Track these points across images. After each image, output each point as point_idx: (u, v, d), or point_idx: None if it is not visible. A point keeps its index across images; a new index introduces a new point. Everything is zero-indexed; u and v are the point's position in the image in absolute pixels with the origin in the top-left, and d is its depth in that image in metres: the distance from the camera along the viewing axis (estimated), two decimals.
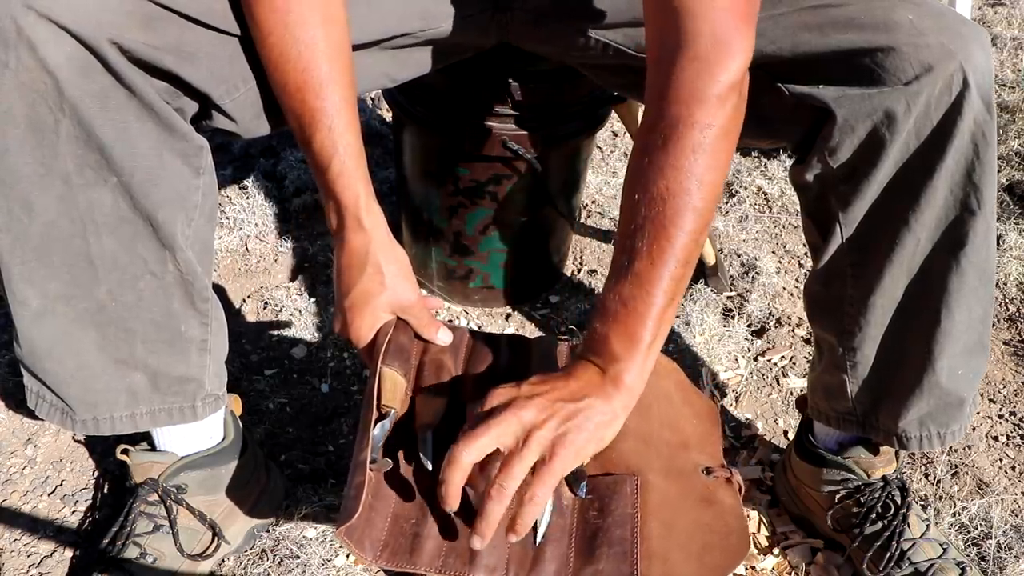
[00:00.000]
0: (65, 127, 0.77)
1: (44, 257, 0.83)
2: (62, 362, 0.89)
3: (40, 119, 0.76)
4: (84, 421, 0.93)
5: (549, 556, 0.85)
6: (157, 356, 0.91)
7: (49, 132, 0.77)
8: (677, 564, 0.83)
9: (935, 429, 0.97)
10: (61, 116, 0.76)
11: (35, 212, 0.80)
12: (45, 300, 0.85)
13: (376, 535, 0.85)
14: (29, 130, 0.76)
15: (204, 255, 0.92)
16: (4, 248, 0.82)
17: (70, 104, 0.75)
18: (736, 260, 1.64)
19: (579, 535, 0.86)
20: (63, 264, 0.83)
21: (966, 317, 0.90)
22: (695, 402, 1.03)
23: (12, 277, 0.84)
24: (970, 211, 0.85)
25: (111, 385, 0.91)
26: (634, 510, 0.87)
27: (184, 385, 0.95)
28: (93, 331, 0.88)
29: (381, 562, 0.83)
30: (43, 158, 0.78)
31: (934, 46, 0.79)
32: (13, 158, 0.77)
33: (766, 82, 0.88)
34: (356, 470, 0.85)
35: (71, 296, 0.85)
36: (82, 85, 0.75)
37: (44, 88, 0.74)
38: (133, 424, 0.94)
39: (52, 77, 0.74)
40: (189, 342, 0.93)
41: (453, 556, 0.84)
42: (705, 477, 0.92)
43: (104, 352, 0.89)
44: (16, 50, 0.72)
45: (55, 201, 0.80)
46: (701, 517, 0.88)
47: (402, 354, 0.98)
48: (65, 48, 0.73)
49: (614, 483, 0.89)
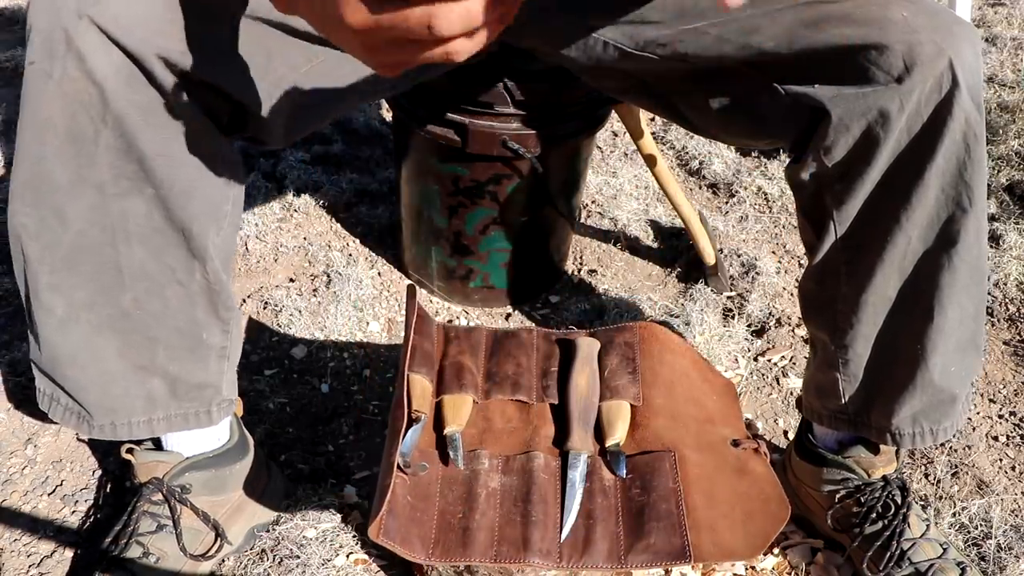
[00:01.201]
0: (105, 137, 0.77)
1: (73, 266, 0.83)
2: (84, 368, 0.89)
3: (80, 129, 0.76)
4: (102, 426, 0.93)
5: (599, 536, 0.87)
6: (178, 363, 0.92)
7: (88, 142, 0.77)
8: (724, 533, 0.86)
9: (928, 426, 0.97)
10: (103, 127, 0.76)
11: (67, 220, 0.80)
12: (71, 308, 0.85)
13: (426, 534, 0.87)
14: (68, 139, 0.76)
15: (228, 262, 0.93)
16: (33, 256, 0.82)
17: (114, 115, 0.76)
18: (736, 260, 1.64)
19: (626, 513, 0.89)
20: (91, 272, 0.84)
21: (958, 314, 0.90)
22: (713, 379, 1.06)
23: (39, 285, 0.84)
24: (962, 209, 0.85)
25: (130, 391, 0.91)
26: (676, 484, 0.90)
27: (202, 391, 0.95)
28: (116, 338, 0.88)
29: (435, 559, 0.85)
30: (79, 167, 0.78)
31: (926, 43, 0.80)
32: (49, 166, 0.77)
33: (763, 82, 0.88)
34: (385, 474, 0.86)
35: (96, 303, 0.85)
36: (128, 96, 0.75)
37: (88, 98, 0.75)
38: (150, 429, 0.95)
39: (98, 88, 0.74)
40: (210, 349, 0.94)
41: (506, 545, 0.86)
42: (734, 449, 0.95)
43: (125, 358, 0.89)
44: (63, 60, 0.73)
45: (87, 210, 0.80)
46: (738, 487, 0.91)
47: (427, 360, 1.01)
48: (114, 59, 0.74)
49: (652, 460, 0.93)
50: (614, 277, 1.64)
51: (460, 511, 0.89)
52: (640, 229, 1.75)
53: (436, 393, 1.00)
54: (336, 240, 1.69)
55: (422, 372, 1.00)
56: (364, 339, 1.46)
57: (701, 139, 1.96)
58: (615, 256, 1.69)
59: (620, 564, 0.85)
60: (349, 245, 1.68)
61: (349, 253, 1.65)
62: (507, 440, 0.97)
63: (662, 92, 1.00)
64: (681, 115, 1.01)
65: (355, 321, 1.48)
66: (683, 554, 0.84)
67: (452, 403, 0.99)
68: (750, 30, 0.87)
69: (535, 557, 0.85)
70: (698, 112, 0.98)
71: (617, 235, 1.73)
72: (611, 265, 1.67)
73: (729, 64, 0.90)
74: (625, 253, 1.70)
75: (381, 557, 1.07)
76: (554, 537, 0.87)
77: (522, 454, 0.95)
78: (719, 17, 0.89)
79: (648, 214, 1.79)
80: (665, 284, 1.63)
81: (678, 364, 1.05)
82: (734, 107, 0.93)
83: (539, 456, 0.94)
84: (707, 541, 0.85)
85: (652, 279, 1.64)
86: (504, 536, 0.87)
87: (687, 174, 1.93)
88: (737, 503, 0.89)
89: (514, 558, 0.85)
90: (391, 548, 0.83)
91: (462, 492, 0.91)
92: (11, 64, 2.19)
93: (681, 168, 1.95)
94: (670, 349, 1.07)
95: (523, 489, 0.91)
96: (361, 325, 1.48)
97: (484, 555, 0.85)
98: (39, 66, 0.74)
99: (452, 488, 0.91)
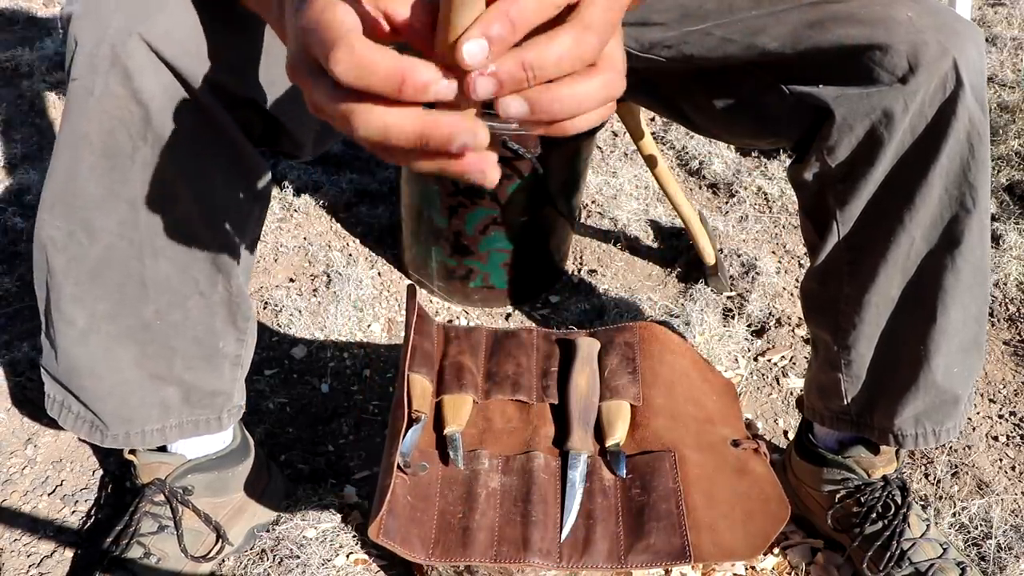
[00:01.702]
0: (143, 154, 0.76)
1: (97, 279, 0.82)
2: (101, 379, 0.89)
3: (117, 145, 0.75)
4: (115, 435, 0.93)
5: (599, 536, 0.87)
6: (193, 371, 0.92)
7: (124, 158, 0.76)
8: (724, 533, 0.86)
9: (931, 427, 0.97)
10: (142, 144, 0.75)
11: (96, 234, 0.80)
12: (92, 320, 0.85)
13: (426, 534, 0.87)
14: (103, 156, 0.76)
15: (248, 272, 0.93)
16: (59, 268, 0.82)
17: (155, 134, 0.75)
18: (736, 260, 1.64)
19: (626, 513, 0.89)
20: (115, 285, 0.83)
21: (961, 315, 0.90)
22: (712, 379, 1.06)
23: (62, 297, 0.83)
24: (965, 209, 0.85)
25: (146, 400, 0.91)
26: (676, 484, 0.90)
27: (215, 398, 0.95)
28: (134, 348, 0.87)
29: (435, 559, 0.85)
30: (112, 183, 0.77)
31: (931, 43, 0.79)
32: (82, 182, 0.77)
33: (768, 82, 0.88)
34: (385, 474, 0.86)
35: (118, 315, 0.85)
36: (171, 114, 0.75)
37: (129, 117, 0.74)
38: (163, 437, 0.95)
39: (143, 107, 0.73)
40: (225, 357, 0.94)
41: (506, 545, 0.86)
42: (734, 449, 0.95)
43: (142, 368, 0.89)
44: (106, 77, 0.72)
45: (117, 224, 0.80)
46: (738, 487, 0.91)
47: (427, 360, 1.01)
48: (162, 79, 0.73)
49: (652, 460, 0.93)
50: (614, 277, 1.64)
51: (460, 511, 0.89)
52: (640, 229, 1.75)
53: (436, 393, 1.00)
54: (336, 240, 1.69)
55: (422, 372, 1.00)
56: (364, 339, 1.46)
57: (701, 139, 1.96)
58: (615, 256, 1.69)
59: (620, 564, 0.85)
60: (349, 245, 1.68)
61: (349, 253, 1.65)
62: (507, 440, 0.97)
63: (666, 91, 1.00)
64: (684, 115, 1.01)
65: (355, 321, 1.48)
66: (683, 554, 0.83)
67: (452, 403, 0.99)
68: (755, 31, 0.87)
69: (535, 557, 0.85)
70: (701, 112, 0.98)
71: (617, 235, 1.73)
72: (611, 265, 1.67)
73: (734, 64, 0.90)
74: (625, 253, 1.70)
75: (381, 557, 1.07)
76: (554, 537, 0.87)
77: (522, 454, 0.95)
78: (723, 18, 0.89)
79: (648, 214, 1.79)
80: (665, 284, 1.63)
81: (678, 364, 1.05)
82: (738, 107, 0.93)
83: (539, 456, 0.94)
84: (707, 541, 0.85)
85: (652, 279, 1.64)
86: (504, 536, 0.87)
87: (687, 174, 1.93)
88: (737, 503, 0.89)
89: (514, 558, 0.85)
90: (391, 548, 0.83)
91: (462, 492, 0.91)
92: (11, 64, 2.19)
93: (681, 168, 1.95)
94: (670, 349, 1.07)
95: (523, 489, 0.91)
96: (361, 325, 1.48)
97: (484, 555, 0.85)
98: (81, 83, 0.73)
99: (452, 488, 0.91)
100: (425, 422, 0.96)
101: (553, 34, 0.44)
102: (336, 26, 0.44)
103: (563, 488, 0.91)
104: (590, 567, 0.85)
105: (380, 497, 0.83)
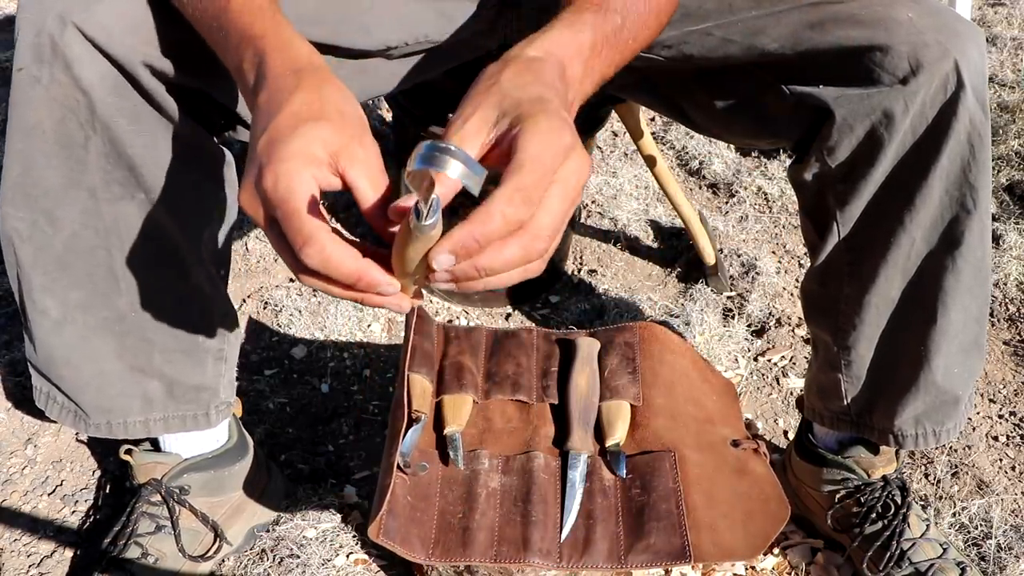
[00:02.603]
0: (95, 143, 0.77)
1: (66, 268, 0.83)
2: (79, 369, 0.89)
3: (69, 134, 0.76)
4: (98, 424, 0.93)
5: (599, 536, 0.87)
6: (174, 365, 0.92)
7: (78, 147, 0.77)
8: (724, 532, 0.86)
9: (931, 427, 0.97)
10: (92, 133, 0.76)
11: (59, 224, 0.80)
12: (65, 309, 0.85)
13: (426, 534, 0.87)
14: (57, 144, 0.76)
15: (223, 264, 0.93)
16: (26, 259, 0.82)
17: (102, 122, 0.75)
18: (736, 260, 1.64)
19: (626, 513, 0.89)
20: (85, 275, 0.84)
21: (962, 316, 0.90)
22: (712, 379, 1.06)
23: (33, 287, 0.84)
24: (966, 210, 0.85)
25: (126, 391, 0.92)
26: (676, 484, 0.90)
27: (199, 393, 0.95)
28: (112, 339, 0.88)
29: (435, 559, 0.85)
30: (70, 172, 0.78)
31: (932, 44, 0.79)
32: (40, 171, 0.77)
33: (768, 82, 0.88)
34: (385, 474, 0.86)
35: (91, 305, 0.85)
36: (115, 104, 0.75)
37: (76, 105, 0.74)
38: (146, 429, 0.95)
39: (86, 96, 0.74)
40: (206, 352, 0.94)
41: (506, 545, 0.87)
42: (734, 449, 0.95)
43: (122, 360, 0.89)
44: (51, 66, 0.72)
45: (80, 214, 0.80)
46: (738, 487, 0.91)
47: (427, 360, 1.01)
48: (99, 67, 0.73)
49: (652, 460, 0.93)
50: (614, 277, 1.64)
51: (460, 511, 0.89)
52: (640, 229, 1.75)
53: (436, 393, 1.00)
54: None
55: (422, 372, 1.00)
56: (364, 339, 1.46)
57: (701, 139, 1.96)
58: (615, 256, 1.69)
59: (620, 564, 0.85)
60: None
61: None
62: (507, 440, 0.97)
63: (666, 90, 1.00)
64: (684, 114, 1.01)
65: (355, 321, 1.48)
66: (683, 554, 0.84)
67: (452, 403, 0.99)
68: (755, 31, 0.87)
69: (535, 557, 0.85)
70: (702, 111, 0.98)
71: (617, 235, 1.73)
72: (611, 265, 1.67)
73: (734, 64, 0.90)
74: (625, 253, 1.70)
75: (381, 557, 1.07)
76: (554, 537, 0.87)
77: (522, 454, 0.95)
78: (723, 19, 0.89)
79: (648, 214, 1.79)
80: (665, 284, 1.63)
81: (678, 364, 1.05)
82: (738, 107, 0.93)
83: (539, 456, 0.94)
84: (707, 541, 0.85)
85: (652, 279, 1.64)
86: (504, 536, 0.87)
87: (687, 174, 1.93)
88: (737, 503, 0.89)
89: (514, 558, 0.85)
90: (391, 548, 0.83)
91: (462, 492, 0.91)
92: (11, 64, 2.19)
93: (681, 168, 1.95)
94: (670, 349, 1.07)
95: (523, 489, 0.91)
96: (361, 325, 1.48)
97: (484, 555, 0.85)
98: (27, 71, 0.74)
99: (452, 488, 0.91)
100: (425, 422, 0.96)
101: (503, 243, 0.55)
102: (305, 222, 0.55)
103: (563, 488, 0.91)
104: (590, 567, 0.85)
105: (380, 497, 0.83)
